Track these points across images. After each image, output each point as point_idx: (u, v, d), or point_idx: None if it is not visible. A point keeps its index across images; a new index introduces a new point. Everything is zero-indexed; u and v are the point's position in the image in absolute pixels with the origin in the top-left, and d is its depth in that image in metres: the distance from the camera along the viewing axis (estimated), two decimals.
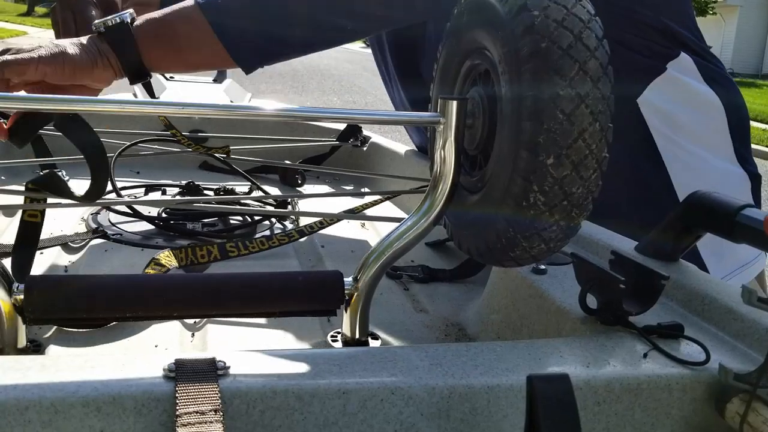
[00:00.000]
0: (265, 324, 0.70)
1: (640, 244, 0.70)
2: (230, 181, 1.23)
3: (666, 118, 0.94)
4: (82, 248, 0.88)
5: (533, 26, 0.48)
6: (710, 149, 0.98)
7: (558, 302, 0.60)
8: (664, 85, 0.94)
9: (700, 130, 0.97)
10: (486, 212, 0.55)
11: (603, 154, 0.49)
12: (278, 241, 0.88)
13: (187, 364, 0.44)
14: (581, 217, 0.51)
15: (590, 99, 0.48)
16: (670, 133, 0.95)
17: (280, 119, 0.54)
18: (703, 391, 0.49)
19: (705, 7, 20.25)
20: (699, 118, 0.97)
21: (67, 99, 0.53)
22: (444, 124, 0.54)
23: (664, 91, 0.94)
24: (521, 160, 0.49)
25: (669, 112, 0.94)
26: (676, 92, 0.95)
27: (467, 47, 0.60)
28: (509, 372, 0.47)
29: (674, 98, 0.95)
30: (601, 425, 0.49)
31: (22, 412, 0.40)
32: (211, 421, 0.41)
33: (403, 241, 0.58)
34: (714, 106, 0.98)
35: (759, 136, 8.23)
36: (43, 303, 0.54)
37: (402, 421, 0.45)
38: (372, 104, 8.66)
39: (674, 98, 0.95)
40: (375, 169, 1.40)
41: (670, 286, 0.62)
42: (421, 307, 0.78)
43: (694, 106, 0.96)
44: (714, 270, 0.94)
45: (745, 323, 0.55)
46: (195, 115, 0.52)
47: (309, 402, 0.44)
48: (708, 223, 0.62)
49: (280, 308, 0.60)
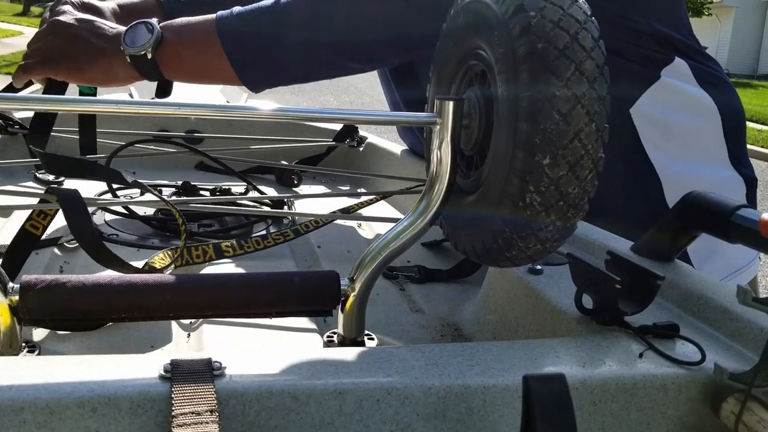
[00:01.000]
0: (261, 324, 0.70)
1: (636, 244, 0.70)
2: (226, 181, 1.23)
3: (658, 125, 0.94)
4: (78, 248, 0.88)
5: (529, 27, 0.48)
6: (703, 154, 0.98)
7: (554, 302, 0.60)
8: (658, 93, 0.93)
9: (693, 135, 0.97)
10: (482, 212, 0.55)
11: (599, 155, 0.49)
12: (274, 241, 0.88)
13: (183, 364, 0.44)
14: (577, 217, 0.51)
15: (586, 99, 0.48)
16: (662, 141, 0.94)
17: (277, 119, 0.54)
18: (698, 390, 0.49)
19: (701, 8, 20.30)
20: (693, 122, 0.97)
21: (65, 99, 0.53)
22: (440, 124, 0.54)
23: (658, 99, 0.93)
24: (517, 161, 0.49)
25: (662, 120, 0.94)
26: (670, 98, 0.94)
27: (463, 48, 0.60)
28: (505, 372, 0.47)
29: (668, 105, 0.94)
30: (597, 425, 0.49)
31: (18, 412, 0.40)
32: (207, 422, 0.41)
33: (400, 242, 0.58)
34: (708, 110, 0.97)
35: (755, 136, 8.26)
36: (38, 303, 0.54)
37: (398, 422, 0.45)
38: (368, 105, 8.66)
39: (668, 105, 0.94)
40: (371, 169, 1.40)
41: (665, 286, 0.62)
42: (417, 308, 0.78)
43: (688, 110, 0.96)
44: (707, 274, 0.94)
45: (740, 323, 0.55)
46: (191, 115, 0.52)
47: (305, 402, 0.44)
48: (704, 224, 0.62)
49: (276, 308, 0.60)
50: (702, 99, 0.97)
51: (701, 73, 0.97)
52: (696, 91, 0.96)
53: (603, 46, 0.50)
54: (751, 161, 1.04)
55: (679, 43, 0.96)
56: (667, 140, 0.94)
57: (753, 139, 8.09)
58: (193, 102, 0.51)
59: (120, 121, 1.31)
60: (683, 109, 0.95)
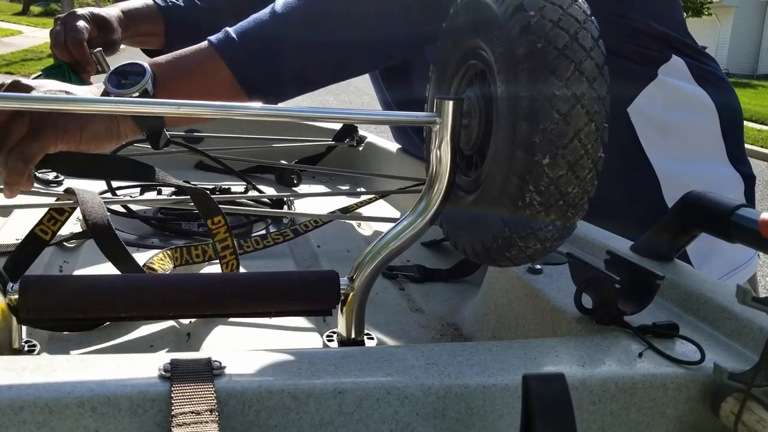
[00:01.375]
0: (260, 324, 0.70)
1: (636, 243, 0.70)
2: (226, 181, 1.23)
3: (656, 124, 0.94)
4: (78, 248, 0.88)
5: (529, 26, 0.48)
6: (701, 152, 0.98)
7: (553, 302, 0.60)
8: (656, 91, 0.94)
9: (691, 133, 0.97)
10: (482, 212, 0.55)
11: (598, 154, 0.49)
12: (273, 241, 0.88)
13: (182, 364, 0.44)
14: (577, 217, 0.51)
15: (586, 99, 0.48)
16: (660, 139, 0.94)
17: (276, 119, 0.54)
18: (698, 390, 0.49)
19: (700, 8, 20.30)
20: (690, 120, 0.97)
21: (63, 99, 0.53)
22: (440, 124, 0.54)
23: (655, 97, 0.93)
24: (517, 160, 0.49)
25: (659, 118, 0.94)
26: (668, 96, 0.94)
27: (463, 47, 0.60)
28: (505, 372, 0.47)
29: (665, 103, 0.94)
30: (596, 425, 0.49)
31: (17, 412, 0.40)
32: (207, 421, 0.41)
33: (399, 241, 0.58)
34: (706, 107, 0.97)
35: (755, 136, 8.25)
36: (37, 303, 0.54)
37: (398, 421, 0.45)
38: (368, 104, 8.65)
39: (665, 103, 0.94)
40: (371, 169, 1.40)
41: (665, 285, 0.62)
42: (416, 307, 0.78)
43: (686, 108, 0.96)
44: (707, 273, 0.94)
45: (739, 322, 0.55)
46: (191, 114, 0.51)
47: (305, 402, 0.44)
48: (703, 223, 0.62)
49: (275, 308, 0.60)
50: (700, 97, 0.97)
51: (698, 71, 0.97)
52: (694, 89, 0.96)
53: (603, 45, 0.50)
54: (750, 161, 1.04)
55: (676, 41, 0.96)
56: (665, 139, 0.95)
57: (753, 138, 8.09)
58: (193, 102, 0.51)
59: None
60: (681, 107, 0.95)
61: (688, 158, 0.96)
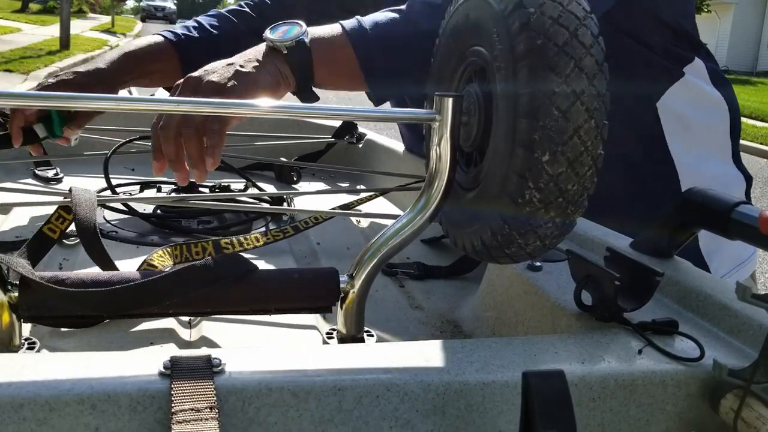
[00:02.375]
0: (260, 321, 0.70)
1: (636, 240, 0.70)
2: (225, 178, 1.23)
3: (680, 120, 0.98)
4: (77, 245, 0.88)
5: (529, 23, 0.48)
6: (715, 151, 1.02)
7: (553, 299, 0.60)
8: (682, 90, 0.98)
9: (708, 133, 1.02)
10: (482, 209, 0.55)
11: (598, 151, 0.49)
12: (273, 238, 0.88)
13: (182, 361, 0.44)
14: (576, 214, 0.51)
15: (586, 96, 0.48)
16: (683, 136, 0.98)
17: (276, 116, 0.53)
18: (697, 386, 0.49)
19: (700, 5, 20.28)
20: (708, 120, 1.01)
21: (65, 96, 0.53)
22: (440, 121, 0.54)
23: (681, 95, 0.98)
24: (517, 157, 0.49)
25: (683, 115, 0.98)
26: (692, 96, 0.99)
27: (463, 44, 0.60)
28: (504, 368, 0.47)
29: (690, 102, 0.98)
30: (596, 421, 0.49)
31: (17, 409, 0.40)
32: (207, 419, 0.41)
33: (399, 238, 0.58)
34: (722, 108, 1.02)
35: (754, 133, 8.25)
36: (37, 300, 0.54)
37: (397, 418, 0.45)
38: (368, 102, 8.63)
39: (690, 102, 0.98)
40: (370, 166, 1.40)
41: (664, 282, 0.62)
42: (416, 304, 0.78)
43: (706, 108, 1.00)
44: (715, 268, 0.97)
45: (739, 319, 0.55)
46: (191, 112, 0.51)
47: (304, 399, 0.44)
48: (703, 220, 0.62)
49: (275, 305, 0.60)
50: (716, 98, 1.01)
51: (713, 74, 1.02)
52: (711, 91, 1.01)
53: (602, 42, 0.49)
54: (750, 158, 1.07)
55: (695, 42, 1.00)
56: (687, 136, 0.99)
57: (752, 135, 8.08)
58: (192, 99, 0.51)
59: (120, 118, 1.31)
60: (702, 107, 1.00)
61: (703, 155, 1.00)
